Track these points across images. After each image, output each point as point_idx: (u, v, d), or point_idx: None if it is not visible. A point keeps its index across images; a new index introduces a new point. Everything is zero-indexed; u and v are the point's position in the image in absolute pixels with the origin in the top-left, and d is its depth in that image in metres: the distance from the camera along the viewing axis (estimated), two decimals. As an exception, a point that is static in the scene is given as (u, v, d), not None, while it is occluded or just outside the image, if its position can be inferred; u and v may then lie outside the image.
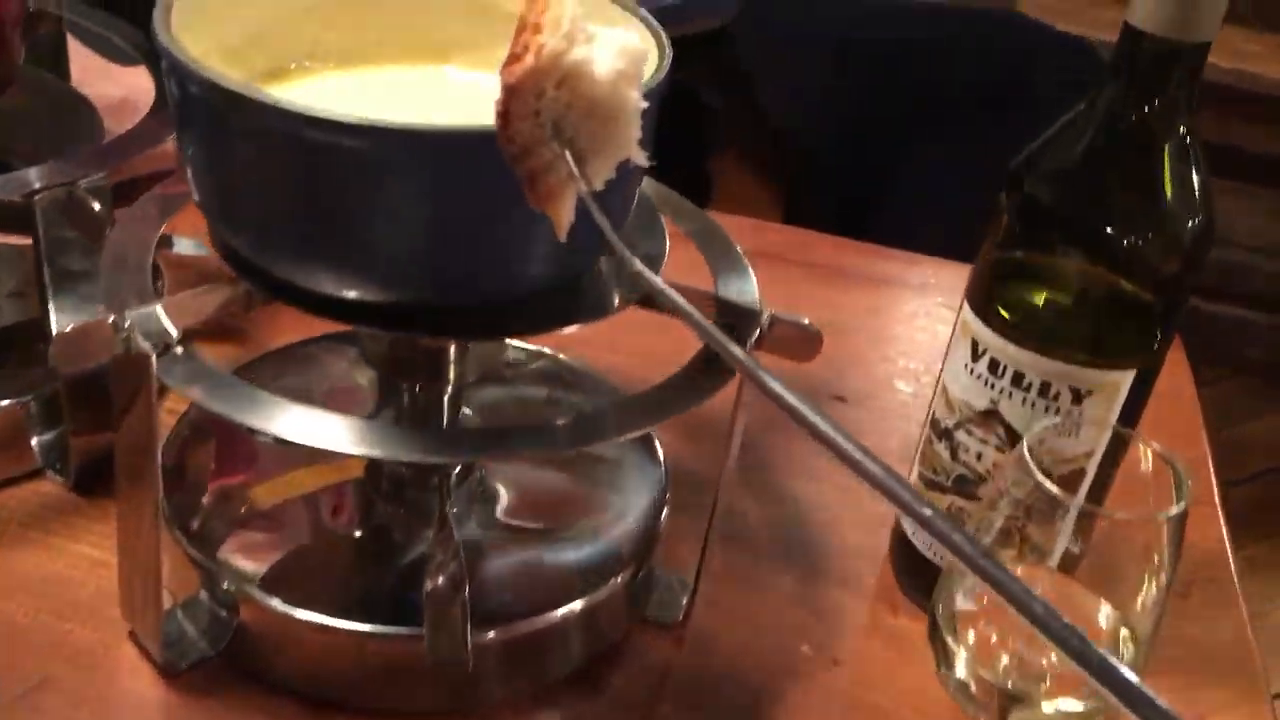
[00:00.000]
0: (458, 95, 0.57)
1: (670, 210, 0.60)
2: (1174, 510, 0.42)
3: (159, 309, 0.47)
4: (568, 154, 0.36)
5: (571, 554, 0.59)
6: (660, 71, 0.47)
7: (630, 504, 0.62)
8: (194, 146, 0.46)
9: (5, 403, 0.62)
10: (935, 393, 0.59)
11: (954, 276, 0.94)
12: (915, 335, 0.87)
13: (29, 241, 0.58)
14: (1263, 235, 2.23)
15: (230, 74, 0.52)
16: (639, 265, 0.36)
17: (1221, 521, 0.70)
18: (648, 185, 0.59)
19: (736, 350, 0.34)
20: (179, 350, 0.47)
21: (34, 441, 0.63)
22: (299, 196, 0.44)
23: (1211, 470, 0.74)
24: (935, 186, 1.25)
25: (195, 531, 0.57)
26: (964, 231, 1.23)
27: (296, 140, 0.41)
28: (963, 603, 0.47)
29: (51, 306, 0.56)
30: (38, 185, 0.54)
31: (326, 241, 0.45)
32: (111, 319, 0.46)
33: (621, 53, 0.36)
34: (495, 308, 0.48)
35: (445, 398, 0.56)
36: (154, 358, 0.46)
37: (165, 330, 0.47)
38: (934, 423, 0.59)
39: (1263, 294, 2.29)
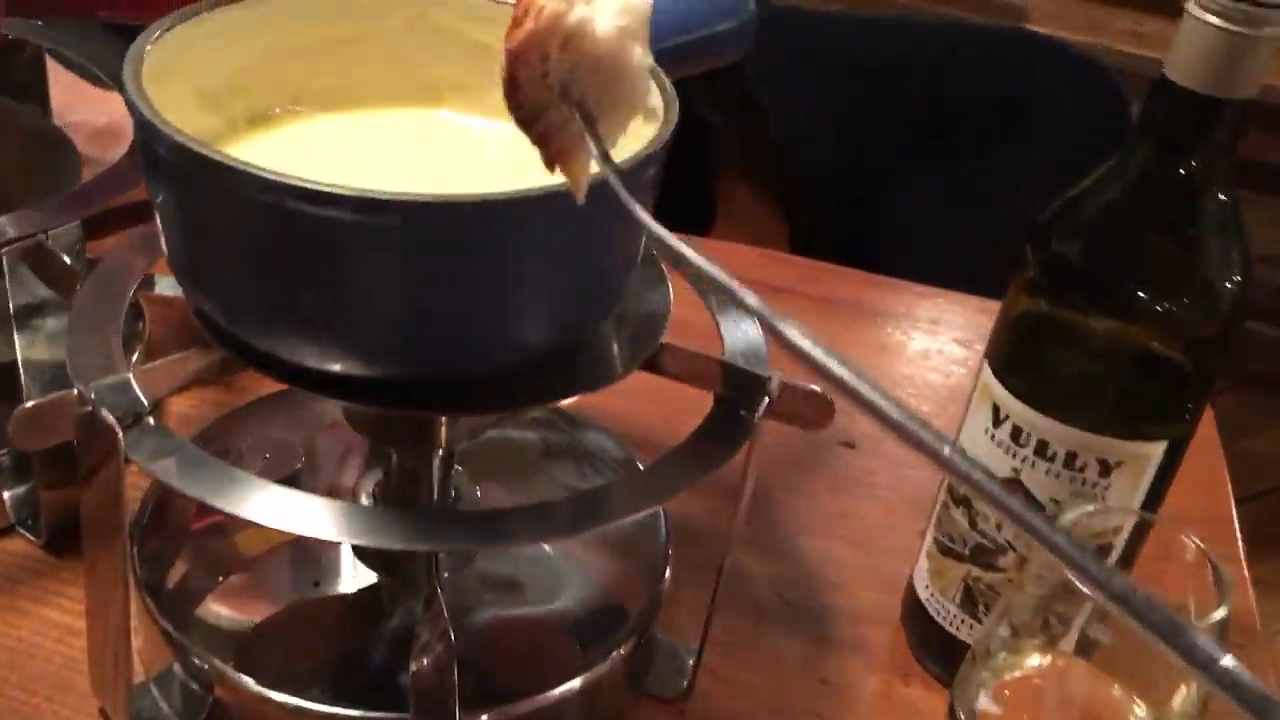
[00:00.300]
0: (453, 140, 0.54)
1: (670, 255, 0.57)
2: (1216, 616, 0.39)
3: (130, 378, 0.44)
4: (577, 115, 0.35)
5: (570, 623, 0.56)
6: (667, 127, 0.44)
7: (630, 565, 0.59)
8: (164, 207, 0.43)
9: (-27, 455, 0.59)
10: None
11: (965, 312, 0.91)
12: (927, 375, 0.84)
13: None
14: (1271, 246, 2.19)
15: (208, 121, 0.49)
16: (656, 227, 0.33)
17: (1249, 585, 0.67)
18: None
19: (752, 300, 0.31)
20: (150, 420, 0.44)
21: (5, 495, 0.60)
22: (274, 266, 0.41)
23: (1237, 530, 0.71)
24: (941, 205, 1.22)
25: (169, 598, 0.54)
26: (971, 252, 1.20)
27: (272, 209, 0.38)
28: (984, 702, 0.44)
29: (20, 368, 0.53)
30: (8, 235, 0.51)
31: (305, 314, 0.41)
32: (76, 390, 0.43)
33: (623, 9, 0.35)
34: (490, 379, 0.45)
35: (435, 461, 0.53)
36: (121, 433, 0.43)
37: (136, 399, 0.44)
38: (951, 488, 0.56)
39: (1270, 306, 2.25)
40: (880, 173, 1.22)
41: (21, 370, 0.54)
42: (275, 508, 0.41)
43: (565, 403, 0.66)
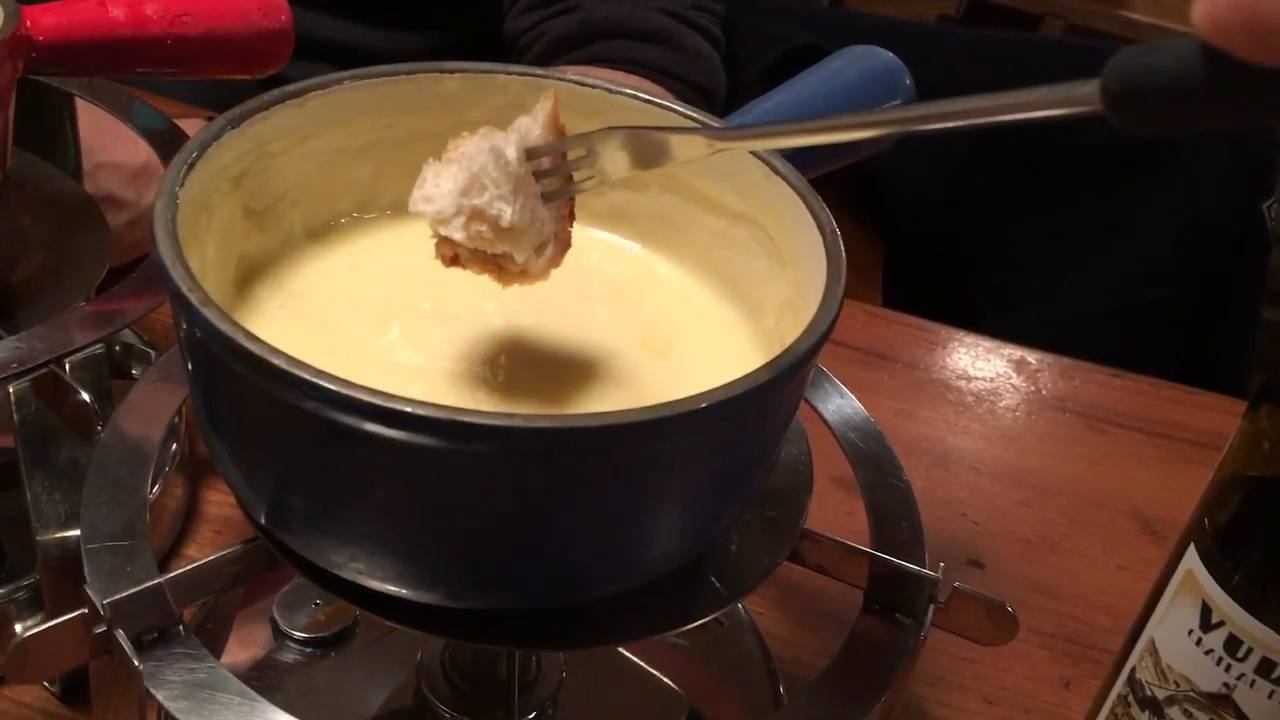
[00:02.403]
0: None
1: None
2: None
3: (162, 585, 0.36)
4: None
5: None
6: (832, 302, 0.35)
7: None
8: (201, 389, 0.34)
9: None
10: (1138, 646, 0.47)
11: (1085, 385, 0.81)
12: (1057, 467, 0.74)
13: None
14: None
15: (261, 242, 0.41)
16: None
17: None
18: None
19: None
20: (180, 630, 0.36)
21: (18, 633, 0.52)
22: (336, 484, 0.32)
23: None
24: (1051, 251, 1.12)
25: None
26: (1070, 307, 1.09)
27: (338, 428, 0.29)
28: None
29: (30, 512, 0.45)
30: (13, 367, 0.42)
31: (370, 536, 0.33)
32: (86, 610, 0.35)
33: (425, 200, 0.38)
34: (592, 607, 0.36)
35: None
36: (140, 665, 0.34)
37: (165, 610, 0.36)
38: (1134, 682, 0.47)
39: None
40: (985, 209, 1.11)
41: (32, 516, 0.45)
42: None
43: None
